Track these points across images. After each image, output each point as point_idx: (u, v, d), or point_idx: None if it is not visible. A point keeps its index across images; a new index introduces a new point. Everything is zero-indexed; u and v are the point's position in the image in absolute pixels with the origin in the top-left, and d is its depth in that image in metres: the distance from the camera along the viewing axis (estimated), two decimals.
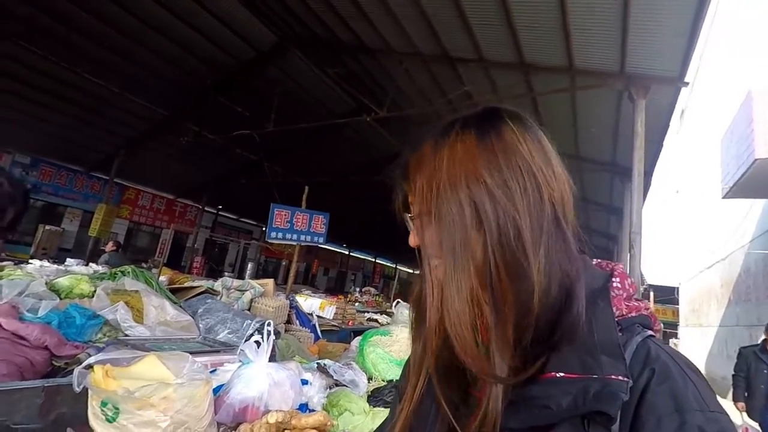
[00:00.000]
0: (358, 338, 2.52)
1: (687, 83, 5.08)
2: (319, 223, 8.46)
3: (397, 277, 13.86)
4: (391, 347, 1.90)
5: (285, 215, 8.28)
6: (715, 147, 8.15)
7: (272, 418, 0.87)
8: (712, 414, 0.40)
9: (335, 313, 5.43)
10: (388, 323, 6.22)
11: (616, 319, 0.47)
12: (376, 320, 6.09)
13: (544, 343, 0.45)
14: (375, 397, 1.55)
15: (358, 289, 9.54)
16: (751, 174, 6.10)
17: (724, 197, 7.22)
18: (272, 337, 1.09)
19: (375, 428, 1.33)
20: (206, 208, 14.74)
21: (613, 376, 0.41)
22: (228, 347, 1.77)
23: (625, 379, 0.41)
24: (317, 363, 1.58)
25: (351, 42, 7.34)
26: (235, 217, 17.27)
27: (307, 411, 1.12)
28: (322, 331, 4.60)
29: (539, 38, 5.29)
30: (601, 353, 0.43)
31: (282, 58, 8.44)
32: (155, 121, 10.00)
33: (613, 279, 0.51)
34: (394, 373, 1.80)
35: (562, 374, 0.43)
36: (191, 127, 9.67)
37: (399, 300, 3.20)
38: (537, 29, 5.12)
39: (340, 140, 10.67)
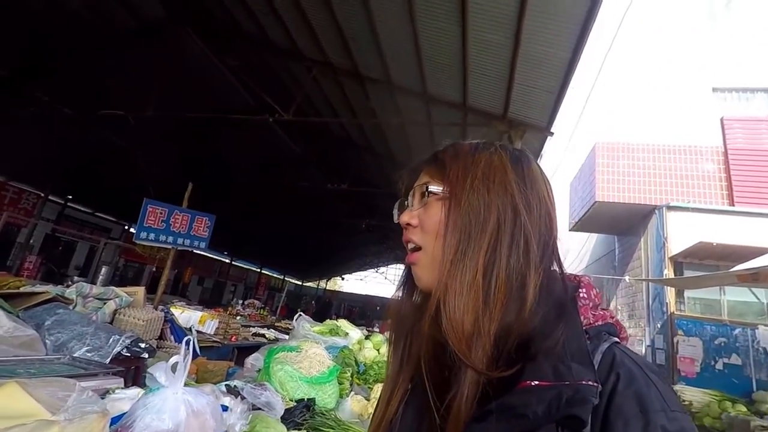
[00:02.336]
0: (256, 355, 2.31)
1: (553, 133, 6.08)
2: (203, 225, 7.65)
3: (285, 289, 13.22)
4: (300, 364, 1.77)
5: (161, 214, 7.28)
6: (565, 188, 9.93)
7: None
8: (673, 413, 0.44)
9: (217, 328, 4.91)
10: (276, 338, 5.86)
11: (584, 328, 0.51)
12: (263, 335, 5.69)
13: (523, 352, 0.48)
14: (285, 419, 1.42)
15: (240, 302, 8.82)
16: (591, 213, 7.56)
17: (570, 230, 8.79)
18: (190, 356, 0.91)
19: None
20: (51, 197, 12.08)
21: (583, 382, 0.44)
22: (108, 368, 1.42)
23: (595, 384, 0.44)
24: (226, 384, 1.38)
25: (256, 36, 6.97)
26: (89, 210, 14.53)
27: None
28: (201, 347, 4.11)
29: (442, 73, 5.77)
30: (572, 360, 0.46)
31: (172, 36, 7.51)
32: None
33: (580, 290, 0.56)
34: (304, 392, 1.68)
35: (536, 382, 0.45)
36: (40, 96, 7.91)
37: (301, 312, 3.04)
38: (441, 65, 5.58)
39: (232, 138, 9.89)
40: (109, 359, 2.19)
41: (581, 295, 0.55)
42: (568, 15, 4.04)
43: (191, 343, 0.92)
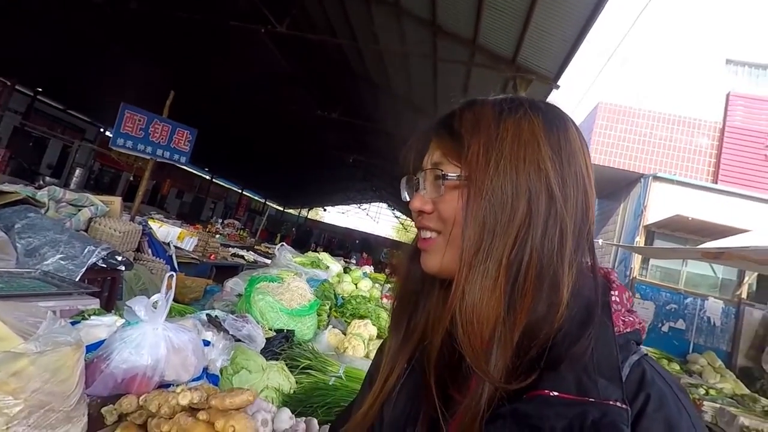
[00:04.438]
0: (236, 279, 2.32)
1: (559, 86, 5.84)
2: (184, 139, 7.29)
3: (266, 213, 13.19)
4: (282, 296, 1.78)
5: (139, 121, 6.86)
6: None
7: (184, 399, 0.68)
8: None
9: (196, 245, 4.90)
10: (255, 261, 5.94)
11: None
12: (242, 257, 5.74)
13: (541, 359, 0.43)
14: (264, 349, 1.45)
15: (220, 220, 8.78)
16: None
17: None
18: (173, 290, 0.87)
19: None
20: (18, 87, 11.19)
21: (611, 402, 0.40)
22: (83, 288, 1.38)
23: (624, 406, 0.40)
24: (207, 314, 1.37)
25: None
26: (61, 107, 13.62)
27: (205, 377, 0.96)
28: (179, 263, 4.12)
29: (455, 3, 5.31)
30: (599, 375, 0.41)
31: None
32: None
33: (612, 292, 0.49)
34: (283, 323, 1.71)
35: (556, 393, 0.41)
36: None
37: (284, 243, 3.03)
38: None
39: (219, 47, 9.12)
40: (84, 269, 2.15)
41: (613, 299, 0.48)
42: None
43: (174, 278, 0.87)
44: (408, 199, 0.54)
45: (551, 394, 0.41)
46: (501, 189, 0.44)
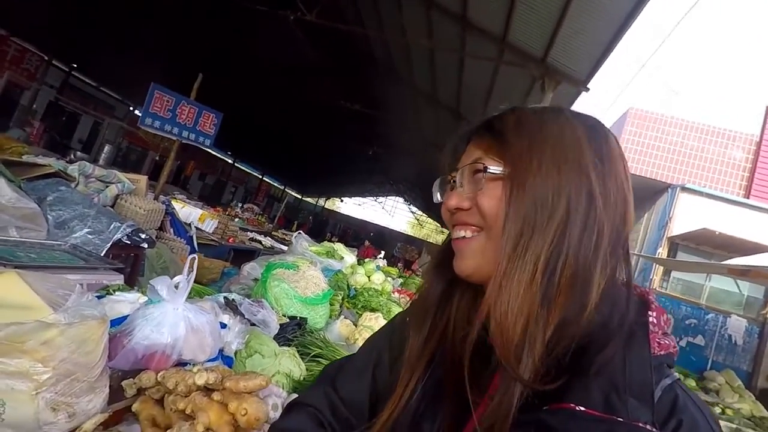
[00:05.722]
0: (253, 264, 2.36)
1: (588, 89, 5.69)
2: (209, 122, 7.42)
3: (285, 200, 13.36)
4: (297, 283, 1.81)
5: (167, 102, 6.99)
6: None
7: (200, 379, 0.71)
8: None
9: (216, 228, 5.00)
10: (272, 246, 6.04)
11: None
12: (259, 242, 5.83)
13: (571, 363, 0.42)
14: (277, 335, 1.48)
15: (240, 204, 8.93)
16: None
17: None
18: (194, 272, 0.90)
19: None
20: (55, 62, 11.56)
21: (640, 424, 0.39)
22: (110, 263, 1.43)
23: (654, 430, 0.39)
24: (225, 297, 1.40)
25: None
26: (94, 84, 14.02)
27: (220, 359, 0.99)
28: (198, 243, 4.22)
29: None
30: (629, 394, 0.41)
31: None
32: None
33: (650, 313, 0.49)
34: (297, 310, 1.74)
35: (582, 408, 0.40)
36: None
37: (300, 231, 3.07)
38: None
39: (251, 31, 9.21)
40: (109, 244, 2.23)
41: (651, 319, 0.48)
42: None
43: (195, 261, 0.90)
44: (440, 200, 0.55)
45: (577, 408, 0.40)
46: (543, 187, 0.45)
